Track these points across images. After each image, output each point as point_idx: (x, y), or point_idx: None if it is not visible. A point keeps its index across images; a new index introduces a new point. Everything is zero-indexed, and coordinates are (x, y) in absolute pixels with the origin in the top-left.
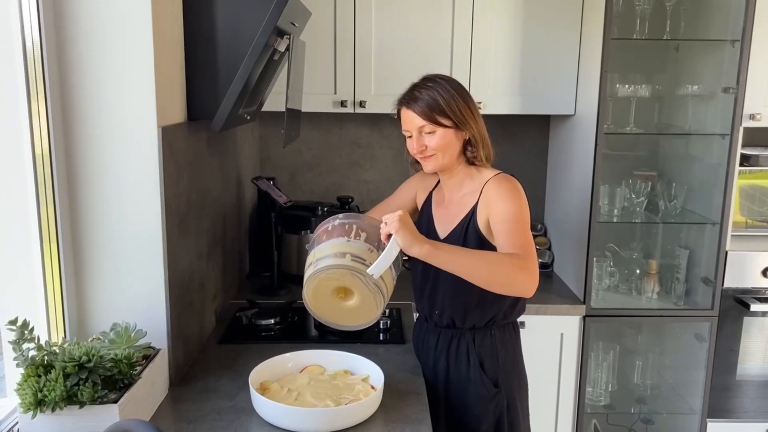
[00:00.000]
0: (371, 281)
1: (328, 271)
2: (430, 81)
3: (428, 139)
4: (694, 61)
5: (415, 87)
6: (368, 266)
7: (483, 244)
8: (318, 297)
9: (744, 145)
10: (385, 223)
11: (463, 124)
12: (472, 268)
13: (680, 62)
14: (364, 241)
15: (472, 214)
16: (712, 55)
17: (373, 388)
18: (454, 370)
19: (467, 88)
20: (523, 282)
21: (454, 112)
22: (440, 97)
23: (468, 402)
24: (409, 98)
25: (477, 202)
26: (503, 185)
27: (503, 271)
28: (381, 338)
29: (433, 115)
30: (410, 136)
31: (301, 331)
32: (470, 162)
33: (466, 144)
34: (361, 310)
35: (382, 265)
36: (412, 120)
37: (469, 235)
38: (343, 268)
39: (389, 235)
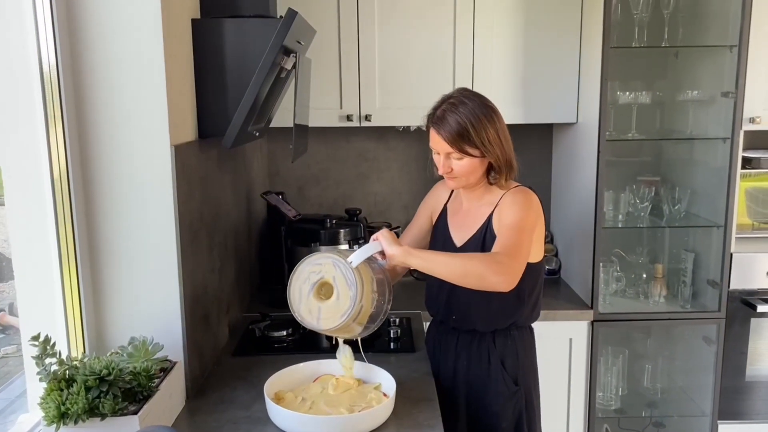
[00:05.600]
0: (349, 271)
1: (312, 258)
2: (461, 103)
3: (455, 163)
4: (694, 66)
5: (445, 108)
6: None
7: None
8: (302, 294)
9: (745, 149)
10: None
11: (490, 153)
12: (446, 265)
13: (680, 68)
14: None
15: (489, 222)
16: (711, 61)
17: (385, 395)
18: (475, 368)
19: None
20: (494, 275)
21: (482, 142)
22: (470, 125)
23: (488, 400)
24: (439, 120)
25: (493, 212)
26: (517, 196)
27: (475, 264)
28: (392, 347)
29: (461, 145)
30: (437, 154)
31: (313, 342)
32: (491, 183)
33: (490, 166)
34: (336, 307)
35: (360, 254)
36: (440, 143)
37: (487, 242)
38: (327, 257)
39: (375, 241)
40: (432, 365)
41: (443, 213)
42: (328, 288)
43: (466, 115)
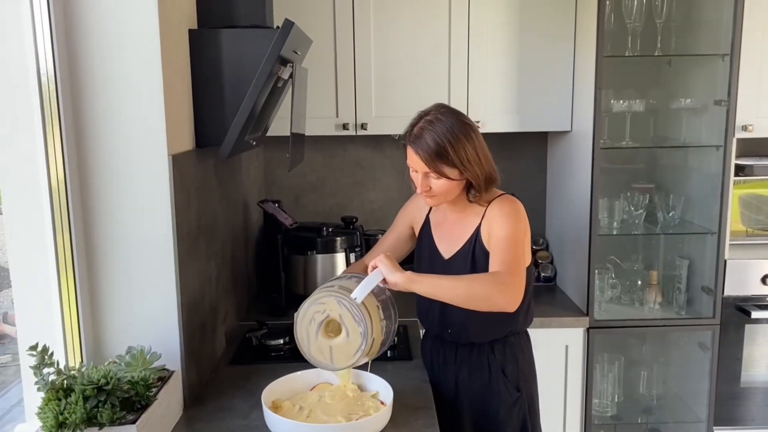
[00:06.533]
0: (355, 308)
1: (315, 297)
2: (437, 121)
3: (433, 182)
4: (686, 75)
5: (422, 126)
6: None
7: None
8: (309, 335)
9: (738, 156)
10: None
11: (468, 172)
12: (451, 289)
13: (673, 77)
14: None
15: (477, 234)
16: (703, 69)
17: (382, 403)
18: (477, 379)
19: (465, 109)
20: (501, 296)
21: (461, 161)
22: (448, 144)
23: (492, 409)
24: (416, 138)
25: (480, 223)
26: (505, 206)
27: (481, 287)
28: (389, 355)
29: (440, 166)
30: (415, 172)
31: None
32: (470, 201)
33: (469, 183)
34: (348, 345)
35: (364, 288)
36: (417, 162)
37: (477, 255)
38: (330, 295)
39: (374, 268)
40: (430, 378)
41: (426, 224)
42: (335, 324)
43: (443, 134)
